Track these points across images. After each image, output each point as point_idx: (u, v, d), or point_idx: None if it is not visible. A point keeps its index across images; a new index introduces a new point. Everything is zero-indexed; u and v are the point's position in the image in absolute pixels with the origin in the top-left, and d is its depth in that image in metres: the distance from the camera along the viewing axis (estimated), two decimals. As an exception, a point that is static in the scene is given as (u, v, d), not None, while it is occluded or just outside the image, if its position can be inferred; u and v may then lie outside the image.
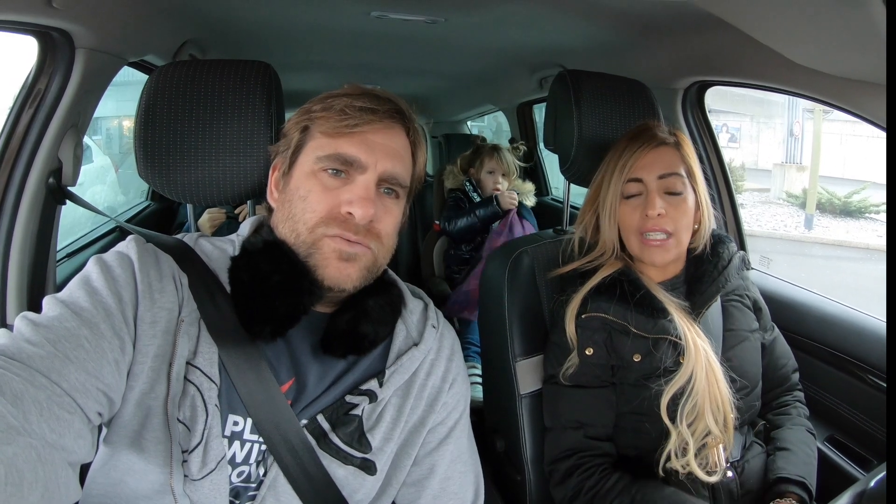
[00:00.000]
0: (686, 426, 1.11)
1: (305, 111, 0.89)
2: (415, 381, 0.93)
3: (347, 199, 0.82)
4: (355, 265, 0.84)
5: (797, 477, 1.16)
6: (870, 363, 1.38)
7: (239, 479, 0.82)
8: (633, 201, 1.21)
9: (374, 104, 0.85)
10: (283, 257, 0.83)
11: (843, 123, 7.46)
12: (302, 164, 0.87)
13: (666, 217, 1.17)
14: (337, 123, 0.84)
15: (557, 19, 1.77)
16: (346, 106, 0.84)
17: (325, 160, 0.84)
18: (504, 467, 1.41)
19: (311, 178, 0.85)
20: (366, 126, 0.84)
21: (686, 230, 1.19)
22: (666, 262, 1.20)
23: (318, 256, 0.82)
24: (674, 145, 1.22)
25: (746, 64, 1.48)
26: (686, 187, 1.19)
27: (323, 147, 0.85)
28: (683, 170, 1.19)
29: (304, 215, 0.84)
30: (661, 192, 1.18)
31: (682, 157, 1.20)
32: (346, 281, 0.83)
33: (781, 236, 8.94)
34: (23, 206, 1.18)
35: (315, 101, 0.88)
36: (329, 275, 0.82)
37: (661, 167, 1.19)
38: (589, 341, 1.19)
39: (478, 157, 2.79)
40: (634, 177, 1.20)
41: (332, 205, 0.83)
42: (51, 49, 1.20)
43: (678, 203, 1.18)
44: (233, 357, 0.81)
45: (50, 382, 0.64)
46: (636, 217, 1.19)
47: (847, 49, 1.06)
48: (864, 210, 8.94)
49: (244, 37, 2.07)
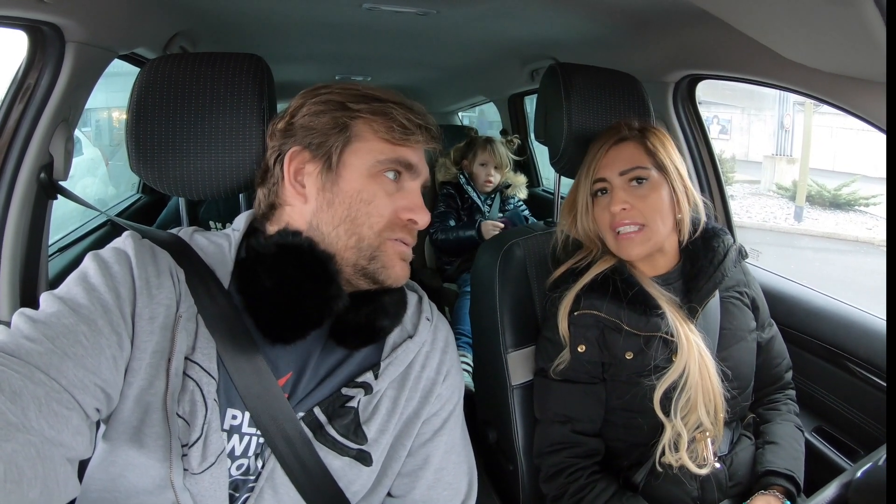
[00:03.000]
0: (680, 419, 1.12)
1: (341, 106, 0.88)
2: (410, 373, 0.94)
3: (407, 207, 0.88)
4: (408, 266, 0.92)
5: (785, 470, 1.17)
6: (858, 356, 1.39)
7: (238, 471, 0.83)
8: (602, 200, 1.22)
9: (426, 122, 0.91)
10: (315, 262, 0.84)
11: (834, 116, 7.51)
12: (355, 164, 0.87)
13: (634, 209, 1.17)
14: (401, 133, 0.87)
15: (549, 12, 1.77)
16: (407, 119, 0.88)
17: (388, 163, 0.88)
18: (496, 458, 1.43)
19: (372, 182, 0.87)
20: (420, 142, 0.90)
21: (661, 220, 1.19)
22: (643, 254, 1.20)
23: (383, 258, 0.88)
24: (637, 139, 1.22)
25: (738, 58, 1.48)
26: (652, 178, 1.19)
27: (385, 151, 0.87)
28: (650, 162, 1.19)
29: (370, 219, 0.86)
30: (625, 186, 1.19)
31: (647, 150, 1.20)
32: (404, 279, 0.92)
33: (771, 228, 9.02)
34: (14, 201, 1.17)
35: (352, 98, 0.88)
36: (394, 275, 0.89)
37: (621, 164, 1.20)
38: (581, 338, 1.20)
39: (471, 149, 2.80)
40: (599, 176, 1.22)
41: (394, 209, 0.88)
42: (41, 43, 1.18)
43: (645, 194, 1.18)
44: (230, 352, 0.81)
45: (48, 379, 0.64)
46: (606, 215, 1.20)
47: (838, 46, 1.07)
48: (853, 203, 9.02)
49: (235, 28, 2.06)
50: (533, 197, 2.98)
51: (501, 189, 2.84)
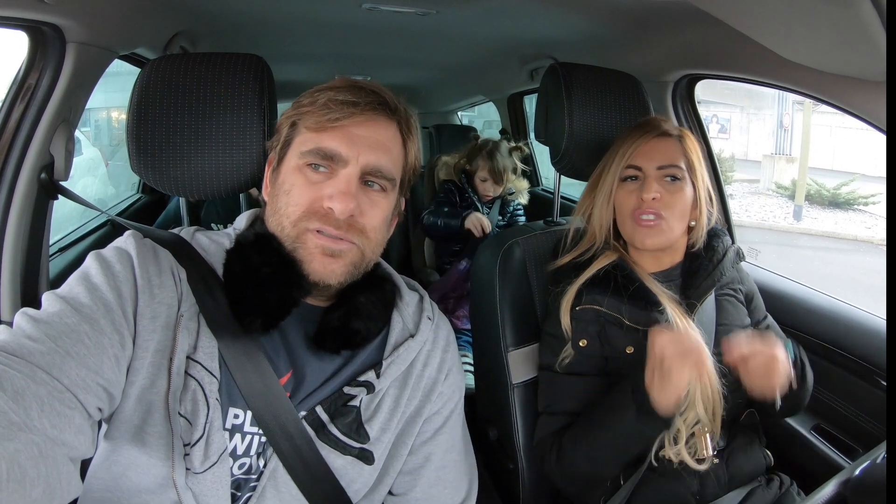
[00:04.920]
0: (678, 415, 1.12)
1: (295, 106, 0.89)
2: (412, 371, 0.94)
3: (328, 194, 0.83)
4: (340, 261, 0.84)
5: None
6: (856, 354, 1.39)
7: (240, 470, 0.83)
8: (629, 185, 1.23)
9: (357, 97, 0.85)
10: (272, 250, 0.84)
11: (833, 115, 7.51)
12: (289, 159, 0.88)
13: (661, 201, 1.18)
14: (320, 118, 0.84)
15: (549, 12, 1.77)
16: (329, 100, 0.84)
17: (308, 155, 0.84)
18: (497, 456, 1.43)
19: (295, 173, 0.85)
20: (347, 119, 0.84)
21: (680, 218, 1.21)
22: (657, 246, 1.21)
23: (302, 251, 0.83)
24: (677, 139, 1.23)
25: (737, 58, 1.48)
26: (684, 179, 1.21)
27: (306, 142, 0.85)
28: (684, 163, 1.21)
29: (287, 209, 0.84)
30: (659, 179, 1.20)
31: (683, 150, 1.22)
32: (330, 276, 0.84)
33: (770, 227, 9.02)
34: (15, 201, 1.17)
35: (304, 96, 0.89)
36: (314, 269, 0.83)
37: (661, 158, 1.21)
38: (583, 333, 1.21)
39: (474, 158, 2.75)
40: (634, 164, 1.22)
41: (313, 199, 0.83)
42: (41, 44, 1.18)
43: (675, 190, 1.20)
44: (232, 350, 0.82)
45: (51, 378, 0.64)
46: (632, 200, 1.21)
47: (837, 46, 1.07)
48: (852, 202, 9.02)
49: (235, 28, 2.06)
50: (533, 197, 2.98)
51: (503, 195, 2.82)
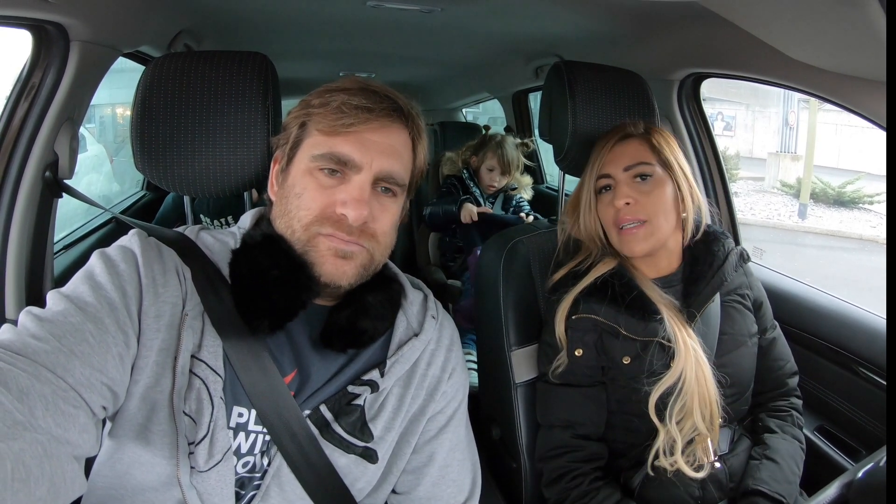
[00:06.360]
0: (675, 424, 1.12)
1: (304, 105, 0.88)
2: (416, 370, 0.94)
3: (342, 200, 0.82)
4: (351, 263, 0.84)
5: (775, 494, 1.14)
6: (861, 355, 1.39)
7: (244, 469, 0.83)
8: (605, 196, 1.23)
9: (371, 102, 0.84)
10: (280, 252, 0.83)
11: (838, 114, 7.45)
12: (299, 160, 0.87)
13: (637, 205, 1.17)
14: (333, 122, 0.83)
15: (553, 9, 1.76)
16: (343, 104, 0.83)
17: (321, 159, 0.84)
18: (500, 455, 1.43)
19: (307, 176, 0.85)
20: (362, 125, 0.83)
21: (664, 216, 1.18)
22: (646, 251, 1.19)
23: (314, 254, 0.83)
24: (641, 137, 1.22)
25: (743, 57, 1.48)
26: (658, 175, 1.19)
27: (319, 145, 0.84)
28: (655, 160, 1.20)
29: (299, 213, 0.84)
30: (629, 182, 1.19)
31: (652, 147, 1.21)
32: (342, 277, 0.84)
33: (775, 225, 8.99)
34: (20, 199, 1.18)
35: (314, 95, 0.88)
36: (326, 271, 0.83)
37: (625, 159, 1.20)
38: (579, 342, 1.19)
39: (481, 149, 2.76)
40: (603, 172, 1.22)
41: (326, 204, 0.83)
42: (45, 42, 1.19)
43: (649, 189, 1.18)
44: (237, 350, 0.82)
45: (55, 377, 0.65)
46: (611, 210, 1.20)
47: (844, 46, 1.06)
48: (857, 200, 8.98)
49: (239, 26, 2.06)
50: (537, 194, 2.97)
51: (506, 190, 2.82)
